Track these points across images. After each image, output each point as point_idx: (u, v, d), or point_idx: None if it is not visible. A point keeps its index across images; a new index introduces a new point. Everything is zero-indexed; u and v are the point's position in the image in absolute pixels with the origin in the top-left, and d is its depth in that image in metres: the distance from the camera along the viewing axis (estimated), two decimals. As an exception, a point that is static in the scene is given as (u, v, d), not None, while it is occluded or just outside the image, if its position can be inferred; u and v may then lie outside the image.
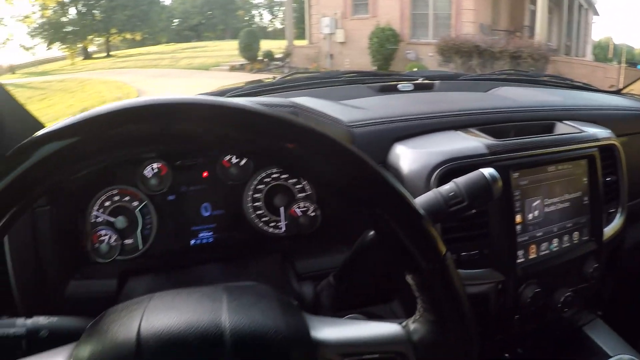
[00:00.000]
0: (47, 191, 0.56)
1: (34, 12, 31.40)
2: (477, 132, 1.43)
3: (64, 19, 33.48)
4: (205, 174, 1.45)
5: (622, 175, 1.60)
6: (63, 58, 31.55)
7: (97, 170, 0.58)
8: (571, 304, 1.40)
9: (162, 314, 0.62)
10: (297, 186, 1.48)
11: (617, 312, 1.71)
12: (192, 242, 1.45)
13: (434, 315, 0.65)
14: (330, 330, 0.65)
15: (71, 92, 17.59)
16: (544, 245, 1.38)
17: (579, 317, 1.64)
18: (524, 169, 1.31)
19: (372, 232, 0.97)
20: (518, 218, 1.31)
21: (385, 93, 1.91)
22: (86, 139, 0.55)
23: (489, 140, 1.35)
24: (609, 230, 1.55)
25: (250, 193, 1.47)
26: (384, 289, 1.38)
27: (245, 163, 1.44)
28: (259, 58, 21.63)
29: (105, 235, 1.37)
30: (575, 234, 1.45)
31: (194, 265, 1.37)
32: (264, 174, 1.47)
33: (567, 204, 1.42)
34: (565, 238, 1.43)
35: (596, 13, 24.37)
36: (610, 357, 1.50)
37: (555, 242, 1.41)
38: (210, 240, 1.46)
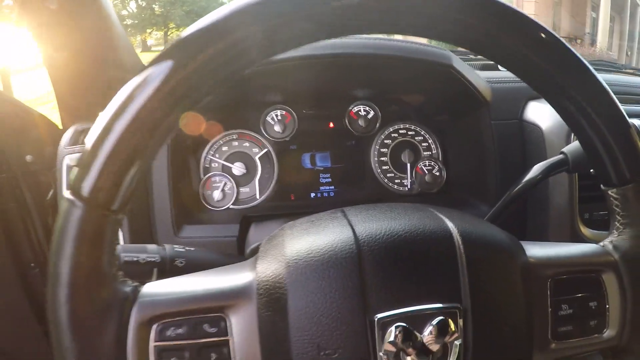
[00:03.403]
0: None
1: (95, 5, 32.09)
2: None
3: (124, 12, 34.03)
4: (331, 124, 1.44)
5: None
6: (122, 50, 32.11)
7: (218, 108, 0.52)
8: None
9: (373, 222, 0.60)
10: (423, 144, 1.47)
11: None
12: (312, 194, 1.42)
13: (637, 229, 0.64)
14: (538, 249, 0.65)
15: (130, 83, 17.88)
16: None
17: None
18: None
19: (519, 187, 0.97)
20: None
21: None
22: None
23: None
24: None
25: (377, 147, 1.45)
26: None
27: (373, 116, 1.44)
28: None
29: (220, 182, 1.36)
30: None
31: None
32: (391, 129, 1.46)
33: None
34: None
35: (660, 23, 23.76)
36: None
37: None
38: (332, 194, 1.43)
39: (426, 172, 1.45)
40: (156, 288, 0.56)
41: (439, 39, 0.57)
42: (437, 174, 1.45)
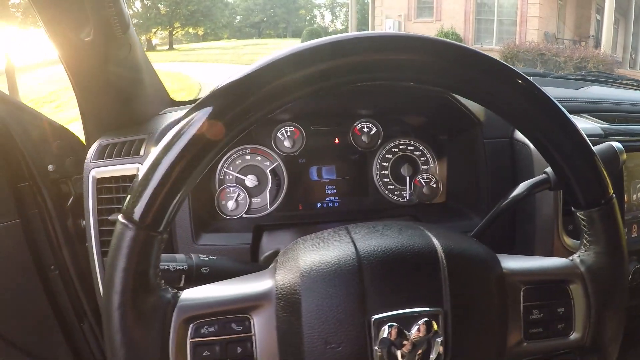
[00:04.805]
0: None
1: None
2: (588, 117, 1.52)
3: (129, 12, 34.12)
4: (336, 140, 1.54)
5: None
6: (127, 49, 32.13)
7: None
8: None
9: (372, 239, 0.71)
10: (422, 158, 1.57)
11: None
12: (319, 205, 1.53)
13: (600, 246, 0.75)
14: (513, 262, 0.76)
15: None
16: (644, 226, 1.45)
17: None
18: (632, 152, 1.39)
19: (506, 202, 1.05)
20: (625, 197, 1.39)
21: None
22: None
23: (602, 123, 1.44)
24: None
25: (379, 161, 1.56)
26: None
27: (375, 132, 1.54)
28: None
29: (234, 192, 1.47)
30: (672, 219, 1.52)
31: (323, 224, 1.43)
32: (392, 144, 1.56)
33: (666, 190, 1.49)
34: (663, 222, 1.49)
35: (665, 26, 23.66)
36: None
37: (654, 224, 1.47)
38: (336, 204, 1.54)
39: (424, 184, 1.54)
40: (192, 294, 0.67)
41: (435, 86, 0.68)
42: (434, 186, 1.55)
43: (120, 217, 0.61)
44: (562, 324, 0.74)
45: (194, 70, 19.33)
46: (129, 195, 0.61)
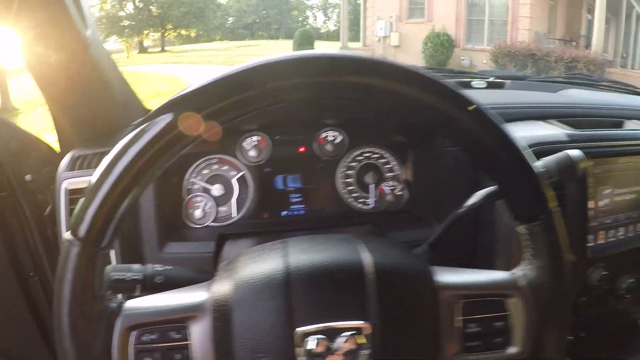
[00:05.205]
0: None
1: (93, 6, 31.99)
2: (556, 123, 1.53)
3: (121, 13, 34.14)
4: (302, 149, 1.55)
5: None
6: (119, 51, 32.12)
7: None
8: (633, 290, 1.49)
9: (304, 254, 0.75)
10: (386, 166, 1.58)
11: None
12: (284, 213, 1.55)
13: (542, 260, 0.76)
14: (451, 275, 0.78)
15: (126, 84, 17.69)
16: (611, 232, 1.45)
17: (638, 309, 1.71)
18: (599, 158, 1.38)
19: (462, 209, 1.08)
20: (591, 204, 1.40)
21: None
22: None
23: (568, 129, 1.45)
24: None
25: (343, 170, 1.57)
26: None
27: (340, 141, 1.54)
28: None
29: (201, 201, 1.49)
30: (640, 225, 1.54)
31: (288, 232, 1.46)
32: (357, 152, 1.58)
33: (634, 195, 1.49)
34: (631, 227, 1.50)
35: (656, 25, 23.66)
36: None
37: (621, 230, 1.47)
38: (302, 212, 1.56)
39: (388, 191, 1.56)
40: (135, 304, 0.72)
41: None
42: (399, 193, 1.57)
43: (67, 233, 0.66)
44: (500, 337, 0.75)
45: (186, 72, 19.35)
46: (75, 212, 0.65)
